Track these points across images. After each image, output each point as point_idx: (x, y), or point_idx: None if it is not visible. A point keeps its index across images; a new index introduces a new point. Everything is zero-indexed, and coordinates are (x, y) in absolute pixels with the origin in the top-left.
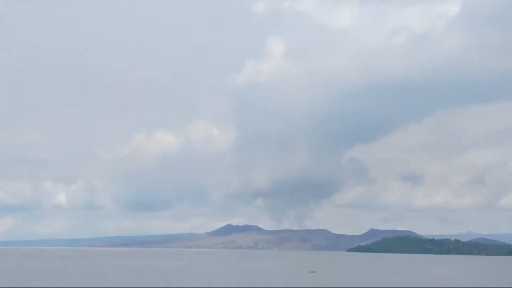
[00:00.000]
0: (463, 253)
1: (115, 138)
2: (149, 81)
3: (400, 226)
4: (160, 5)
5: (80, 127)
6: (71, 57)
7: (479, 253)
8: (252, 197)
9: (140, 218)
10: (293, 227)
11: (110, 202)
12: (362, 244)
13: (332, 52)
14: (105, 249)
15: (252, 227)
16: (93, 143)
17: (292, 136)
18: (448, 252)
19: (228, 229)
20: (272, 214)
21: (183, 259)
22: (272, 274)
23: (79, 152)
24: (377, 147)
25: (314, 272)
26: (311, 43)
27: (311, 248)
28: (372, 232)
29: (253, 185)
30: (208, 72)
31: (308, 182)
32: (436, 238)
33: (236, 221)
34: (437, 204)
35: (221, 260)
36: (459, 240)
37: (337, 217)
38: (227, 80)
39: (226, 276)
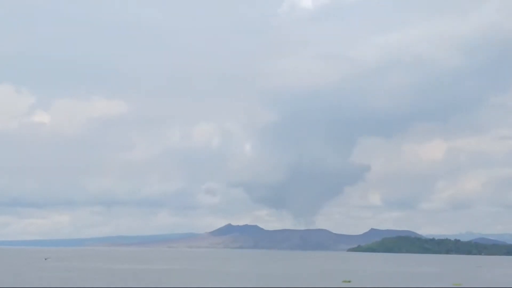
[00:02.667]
0: (463, 253)
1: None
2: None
3: (400, 226)
4: None
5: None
6: None
7: (479, 253)
8: (252, 196)
9: (140, 217)
10: (293, 227)
11: (110, 201)
12: (362, 244)
13: None
14: (104, 249)
15: (252, 226)
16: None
17: (294, 135)
18: (448, 252)
19: (229, 229)
20: (272, 214)
21: (199, 260)
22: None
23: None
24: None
25: (349, 281)
26: None
27: (311, 248)
28: (373, 232)
29: (253, 184)
30: None
31: (308, 181)
32: (436, 238)
33: (236, 221)
34: (437, 203)
35: (243, 262)
36: (459, 240)
37: (337, 217)
38: None
39: (265, 280)
